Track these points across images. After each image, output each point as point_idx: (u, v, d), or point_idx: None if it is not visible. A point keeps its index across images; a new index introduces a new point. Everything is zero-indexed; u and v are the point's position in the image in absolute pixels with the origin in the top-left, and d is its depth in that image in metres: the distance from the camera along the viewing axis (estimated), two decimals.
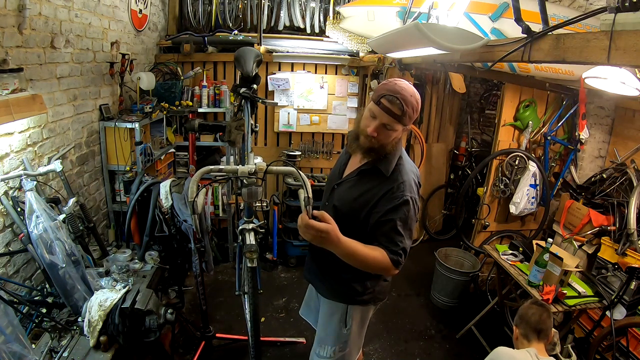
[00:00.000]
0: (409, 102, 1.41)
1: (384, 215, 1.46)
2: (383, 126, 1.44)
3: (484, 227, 3.49)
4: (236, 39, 3.73)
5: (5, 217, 1.91)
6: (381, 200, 1.48)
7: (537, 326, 1.74)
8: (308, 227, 1.31)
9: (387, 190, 1.47)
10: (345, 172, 1.67)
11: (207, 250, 2.55)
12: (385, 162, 1.52)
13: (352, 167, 1.64)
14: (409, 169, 1.54)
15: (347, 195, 1.58)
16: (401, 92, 1.40)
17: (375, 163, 1.53)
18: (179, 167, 3.77)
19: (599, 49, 1.23)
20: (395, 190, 1.47)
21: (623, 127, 3.13)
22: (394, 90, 1.40)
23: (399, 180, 1.48)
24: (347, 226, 1.51)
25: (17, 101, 1.76)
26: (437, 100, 4.46)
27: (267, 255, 3.82)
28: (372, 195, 1.50)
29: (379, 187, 1.50)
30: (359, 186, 1.56)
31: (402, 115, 1.41)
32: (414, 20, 2.47)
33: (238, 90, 2.33)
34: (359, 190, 1.55)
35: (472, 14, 2.50)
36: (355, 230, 1.51)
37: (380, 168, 1.51)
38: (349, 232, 1.48)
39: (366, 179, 1.56)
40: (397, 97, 1.39)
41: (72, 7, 2.31)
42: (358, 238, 1.47)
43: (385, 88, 1.43)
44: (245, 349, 2.72)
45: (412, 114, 1.43)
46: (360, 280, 1.64)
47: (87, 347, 1.76)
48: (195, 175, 1.86)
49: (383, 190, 1.48)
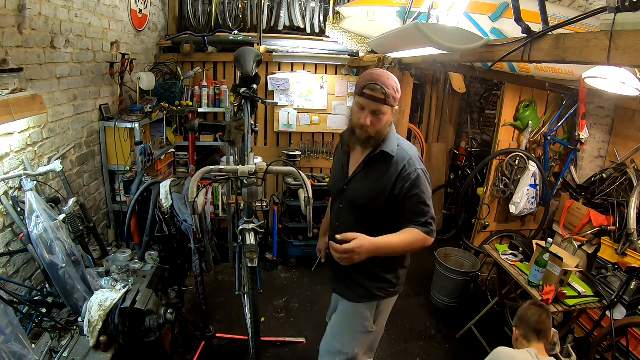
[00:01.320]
0: (388, 84, 1.53)
1: (406, 193, 1.56)
2: (373, 113, 1.55)
3: (484, 227, 3.49)
4: (236, 39, 3.73)
5: (5, 217, 1.91)
6: (398, 180, 1.57)
7: (537, 327, 1.74)
8: (345, 252, 1.43)
9: (400, 170, 1.57)
10: (350, 170, 1.72)
11: (207, 250, 2.55)
12: (387, 144, 1.61)
13: (356, 162, 1.70)
14: (409, 146, 1.66)
15: (362, 187, 1.65)
16: (379, 79, 1.53)
17: (378, 148, 1.61)
18: (179, 167, 3.77)
19: (599, 49, 1.23)
20: (408, 166, 1.57)
21: (623, 127, 3.13)
22: (372, 79, 1.53)
23: (406, 158, 1.59)
24: (370, 216, 1.65)
25: (17, 101, 1.76)
26: (437, 100, 4.46)
27: (267, 255, 3.83)
28: (387, 179, 1.59)
29: (391, 170, 1.59)
30: (371, 175, 1.64)
31: (386, 97, 1.52)
32: (414, 20, 2.47)
33: (238, 90, 2.34)
34: (373, 178, 1.63)
35: (472, 14, 2.50)
36: (378, 217, 1.64)
37: (386, 150, 1.60)
38: (373, 221, 1.64)
39: (375, 167, 1.64)
40: (376, 83, 1.52)
41: (72, 7, 2.31)
42: (384, 224, 1.61)
43: (364, 79, 1.56)
44: (245, 349, 2.71)
45: (394, 93, 1.55)
46: (393, 271, 1.73)
47: (87, 347, 1.76)
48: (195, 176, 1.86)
49: (396, 171, 1.58)
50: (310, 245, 3.87)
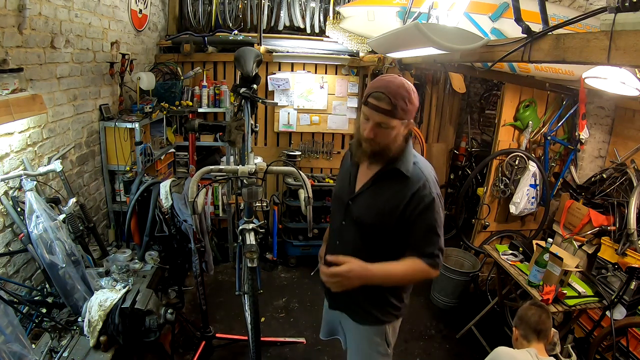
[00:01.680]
0: (397, 94, 1.31)
1: (417, 217, 1.39)
2: (378, 126, 1.36)
3: (484, 227, 3.49)
4: (236, 39, 3.73)
5: (5, 217, 1.91)
6: (410, 202, 1.39)
7: (537, 327, 1.74)
8: (331, 276, 1.34)
9: (414, 192, 1.39)
10: (357, 184, 1.54)
11: (207, 250, 2.55)
12: (403, 161, 1.43)
13: (365, 176, 1.52)
14: (426, 166, 1.47)
15: (370, 205, 1.48)
16: (387, 86, 1.32)
17: (391, 164, 1.44)
18: (179, 167, 3.77)
19: (599, 49, 1.23)
20: (422, 189, 1.39)
21: (623, 127, 3.13)
22: (379, 87, 1.34)
23: (422, 179, 1.41)
24: (375, 238, 1.48)
25: (17, 101, 1.76)
26: (437, 100, 4.46)
27: (267, 255, 3.82)
28: (399, 199, 1.41)
29: (403, 190, 1.41)
30: (381, 193, 1.46)
31: (393, 109, 1.32)
32: (414, 20, 2.47)
33: (238, 90, 2.34)
34: (383, 197, 1.45)
35: (472, 14, 2.50)
36: (384, 240, 1.47)
37: (400, 169, 1.42)
38: (378, 244, 1.48)
39: (386, 185, 1.46)
40: (382, 92, 1.32)
41: (72, 7, 2.31)
42: (389, 248, 1.46)
43: (372, 86, 1.37)
44: (245, 349, 2.71)
45: (404, 105, 1.33)
46: (397, 295, 1.58)
47: (87, 347, 1.76)
48: (195, 176, 1.86)
49: (409, 192, 1.40)
50: (310, 245, 3.87)
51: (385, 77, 1.38)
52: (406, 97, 1.33)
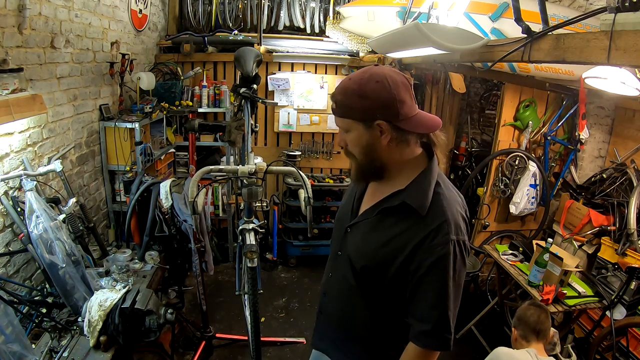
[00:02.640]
0: (343, 88, 1.05)
1: (423, 275, 1.04)
2: (343, 132, 1.10)
3: (484, 227, 3.49)
4: (236, 39, 3.73)
5: (5, 217, 1.91)
6: (417, 252, 1.04)
7: (536, 327, 1.74)
8: None
9: (425, 237, 1.03)
10: (361, 208, 1.21)
11: (207, 250, 2.55)
12: (413, 192, 1.07)
13: (370, 201, 1.18)
14: (451, 199, 1.08)
15: (367, 242, 1.14)
16: (340, 86, 1.07)
17: (403, 197, 1.08)
18: (179, 167, 3.77)
19: (599, 49, 1.23)
20: (436, 234, 1.02)
21: (623, 127, 3.13)
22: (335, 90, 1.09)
23: (439, 219, 1.03)
24: (371, 287, 1.15)
25: (17, 101, 1.76)
26: (437, 100, 4.45)
27: (267, 255, 3.84)
28: (402, 244, 1.06)
29: (411, 231, 1.05)
30: (383, 230, 1.11)
31: (339, 106, 1.06)
32: (414, 20, 2.47)
33: (238, 90, 2.34)
34: (385, 236, 1.10)
35: (472, 14, 2.50)
36: (382, 292, 1.13)
37: (412, 204, 1.05)
38: (376, 296, 1.15)
39: (392, 219, 1.10)
40: (334, 93, 1.08)
41: (72, 7, 2.31)
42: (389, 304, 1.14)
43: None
44: (245, 349, 2.71)
45: (350, 101, 1.03)
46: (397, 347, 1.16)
47: (87, 347, 1.76)
48: (195, 176, 1.87)
49: (418, 235, 1.04)
50: (310, 245, 3.87)
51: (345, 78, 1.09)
52: (355, 93, 1.02)
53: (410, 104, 1.05)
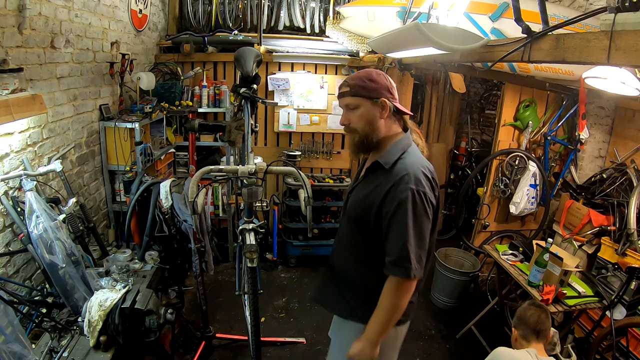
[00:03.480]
0: (354, 77, 1.42)
1: (390, 217, 1.32)
2: (347, 110, 1.43)
3: (484, 227, 3.49)
4: (236, 39, 3.73)
5: (5, 217, 1.91)
6: (385, 199, 1.34)
7: (536, 327, 1.74)
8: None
9: (391, 186, 1.33)
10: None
11: (207, 250, 2.55)
12: (386, 154, 1.40)
13: (363, 170, 1.54)
14: (415, 161, 1.37)
15: (357, 197, 1.48)
16: (350, 76, 1.44)
17: (377, 158, 1.42)
18: (179, 167, 3.77)
19: (599, 49, 1.23)
20: (399, 183, 1.31)
21: (623, 127, 3.13)
22: (347, 79, 1.46)
23: (403, 173, 1.32)
24: (360, 233, 1.45)
25: (17, 101, 1.76)
26: (437, 100, 4.46)
27: (267, 255, 3.83)
28: (377, 194, 1.37)
29: (382, 185, 1.36)
30: (367, 187, 1.45)
31: (352, 88, 1.39)
32: (414, 20, 2.47)
33: (238, 90, 2.34)
34: (367, 191, 1.43)
35: (472, 14, 2.50)
36: (368, 236, 1.42)
37: (380, 161, 1.39)
38: (364, 240, 1.44)
39: (372, 178, 1.44)
40: (342, 84, 1.45)
41: (72, 7, 2.31)
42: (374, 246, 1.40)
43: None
44: (245, 349, 2.72)
45: (363, 83, 1.39)
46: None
47: (87, 347, 1.76)
48: (195, 176, 1.86)
49: (387, 186, 1.34)
50: (311, 245, 3.87)
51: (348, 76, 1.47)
52: (364, 78, 1.40)
53: (395, 93, 1.44)
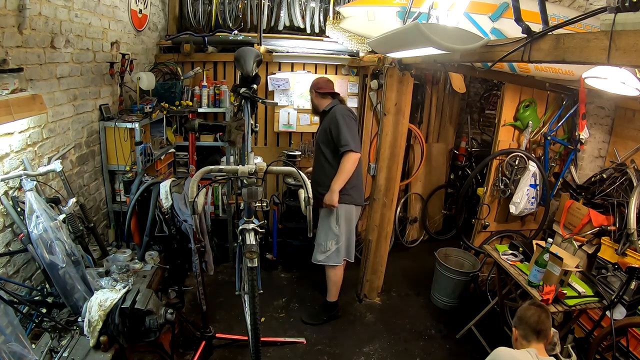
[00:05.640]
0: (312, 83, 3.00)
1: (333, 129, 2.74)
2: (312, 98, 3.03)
3: (484, 227, 3.49)
4: (236, 39, 3.73)
5: (5, 217, 1.91)
6: (330, 124, 2.77)
7: (537, 327, 1.74)
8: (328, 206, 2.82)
9: (330, 119, 2.81)
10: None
11: (207, 250, 2.55)
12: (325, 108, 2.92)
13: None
14: (341, 108, 2.83)
15: (319, 132, 2.97)
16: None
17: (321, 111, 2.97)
18: (179, 167, 3.77)
19: (599, 49, 1.23)
20: (331, 115, 2.81)
21: (623, 127, 3.13)
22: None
23: (334, 113, 2.80)
24: (323, 151, 2.86)
25: (17, 101, 1.76)
26: (437, 100, 4.46)
27: (267, 255, 3.84)
28: (326, 124, 2.83)
29: (327, 120, 2.84)
30: (321, 126, 2.96)
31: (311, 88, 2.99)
32: (414, 20, 2.46)
33: (238, 90, 2.34)
34: (323, 127, 2.90)
35: (472, 14, 2.50)
36: (328, 151, 2.83)
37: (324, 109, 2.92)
38: (326, 154, 2.85)
39: (324, 120, 2.92)
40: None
41: (72, 7, 2.31)
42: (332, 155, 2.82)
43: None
44: (245, 349, 2.72)
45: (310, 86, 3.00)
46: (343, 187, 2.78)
47: (87, 347, 1.76)
48: (195, 176, 1.86)
49: (328, 121, 2.81)
50: (311, 245, 3.86)
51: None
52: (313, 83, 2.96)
53: (324, 87, 2.92)
